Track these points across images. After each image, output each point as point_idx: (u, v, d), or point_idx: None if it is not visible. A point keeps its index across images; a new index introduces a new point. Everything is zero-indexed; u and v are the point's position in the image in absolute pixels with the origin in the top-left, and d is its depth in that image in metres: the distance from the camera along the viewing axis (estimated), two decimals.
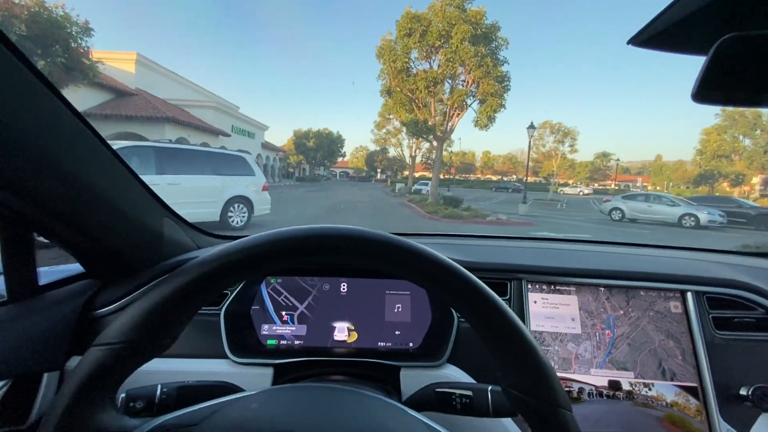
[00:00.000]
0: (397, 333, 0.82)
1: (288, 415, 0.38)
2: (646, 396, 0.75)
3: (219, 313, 0.78)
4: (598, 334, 0.80)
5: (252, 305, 0.84)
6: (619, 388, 0.76)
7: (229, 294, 0.81)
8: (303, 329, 0.82)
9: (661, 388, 0.76)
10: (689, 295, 0.82)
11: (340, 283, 0.86)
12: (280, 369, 0.74)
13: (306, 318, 0.83)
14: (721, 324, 0.81)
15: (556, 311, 0.82)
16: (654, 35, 0.43)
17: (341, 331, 0.82)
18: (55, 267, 0.77)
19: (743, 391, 0.74)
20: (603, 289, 0.84)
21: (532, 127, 15.91)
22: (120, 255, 0.69)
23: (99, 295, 0.72)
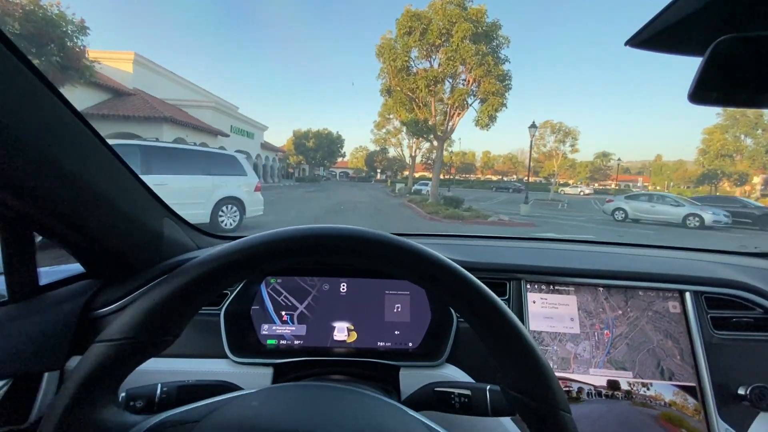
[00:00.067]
0: (396, 333, 0.83)
1: (288, 413, 0.38)
2: (644, 396, 0.76)
3: (219, 313, 0.79)
4: (596, 334, 0.81)
5: (252, 305, 0.84)
6: (617, 387, 0.77)
7: (229, 294, 0.82)
8: (303, 329, 0.83)
9: (659, 387, 0.77)
10: (688, 295, 0.83)
11: (339, 283, 0.87)
12: (279, 369, 0.75)
13: (306, 318, 0.84)
14: (720, 324, 0.82)
15: (555, 311, 0.83)
16: (651, 36, 0.44)
17: (341, 331, 0.83)
18: (56, 267, 0.78)
19: (741, 391, 0.74)
20: (602, 289, 0.85)
21: (533, 127, 15.90)
22: (120, 255, 0.69)
23: (99, 295, 0.73)
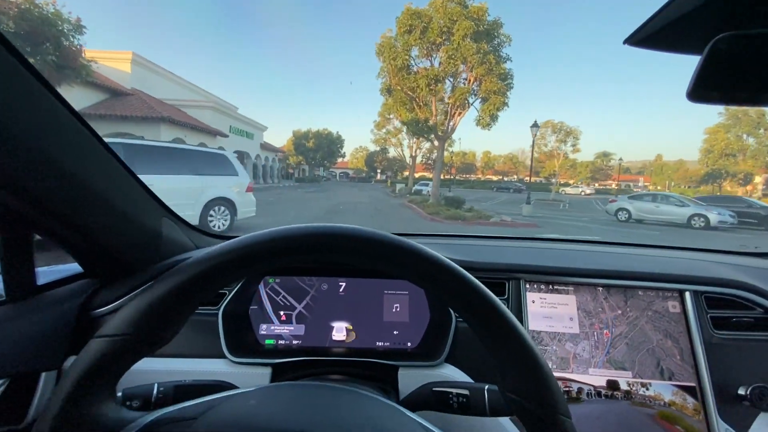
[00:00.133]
0: (395, 333, 0.83)
1: (285, 412, 0.39)
2: (643, 396, 0.76)
3: (217, 312, 0.79)
4: (596, 333, 0.82)
5: (250, 305, 0.85)
6: (617, 387, 0.77)
7: (227, 294, 0.82)
8: (301, 329, 0.84)
9: (658, 387, 0.77)
10: (687, 294, 0.83)
11: (338, 283, 0.87)
12: (278, 369, 0.75)
13: (304, 318, 0.85)
14: (720, 324, 0.82)
15: (555, 311, 0.84)
16: (649, 35, 0.44)
17: (339, 330, 0.83)
18: (54, 267, 0.78)
19: (742, 391, 0.75)
20: (601, 288, 0.85)
21: (535, 126, 15.90)
22: (118, 255, 0.69)
23: (97, 295, 0.73)
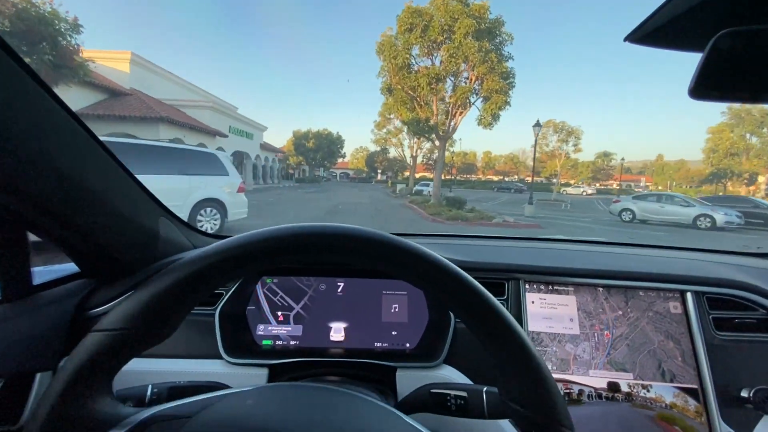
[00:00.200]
0: (393, 333, 0.83)
1: (280, 413, 0.39)
2: (644, 398, 0.76)
3: (214, 313, 0.79)
4: (596, 334, 0.82)
5: (247, 305, 0.85)
6: (617, 389, 0.77)
7: (224, 294, 0.82)
8: (299, 329, 0.84)
9: (660, 389, 0.77)
10: (689, 295, 0.83)
11: (336, 283, 0.87)
12: (275, 369, 0.75)
13: (302, 318, 0.85)
14: (722, 325, 0.82)
15: (554, 312, 0.84)
16: (651, 32, 0.43)
17: (337, 331, 0.83)
18: (50, 267, 0.78)
19: (744, 393, 0.74)
20: (602, 289, 0.85)
21: (538, 125, 15.88)
22: (115, 255, 0.69)
23: (93, 295, 0.73)
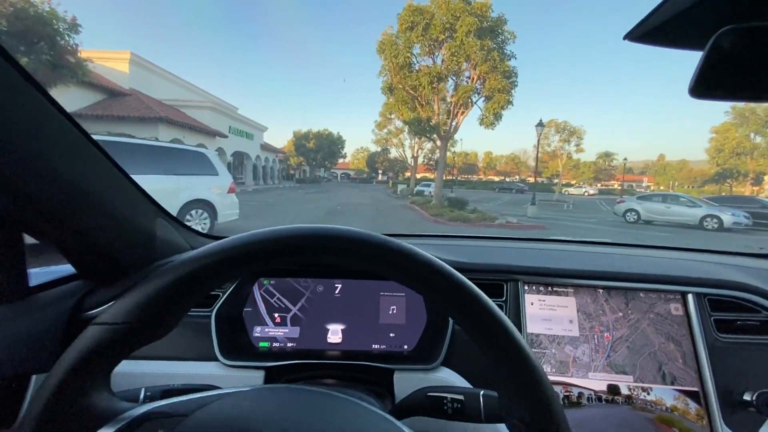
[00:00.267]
0: (391, 335, 0.83)
1: (275, 416, 0.39)
2: (645, 400, 0.76)
3: (210, 314, 0.80)
4: (596, 336, 0.81)
5: (244, 307, 0.85)
6: (617, 392, 0.77)
7: (220, 295, 0.83)
8: (296, 331, 0.84)
9: (660, 392, 0.76)
10: (690, 297, 0.83)
11: (333, 285, 0.87)
12: (271, 372, 0.76)
13: (299, 320, 0.85)
14: (724, 327, 0.81)
15: (554, 313, 0.83)
16: (650, 30, 0.43)
17: (335, 333, 0.83)
18: (46, 268, 0.78)
19: (747, 397, 0.74)
20: (601, 290, 0.85)
21: (540, 125, 15.82)
22: (112, 256, 0.70)
23: (90, 297, 0.73)
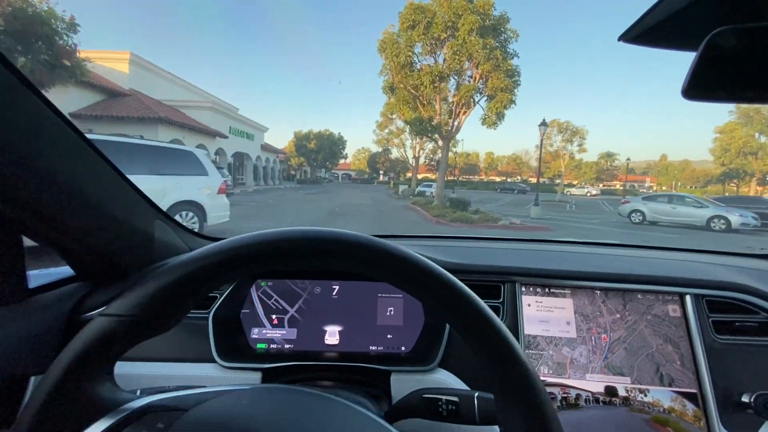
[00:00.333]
0: (389, 337, 0.84)
1: (272, 417, 0.40)
2: (642, 402, 0.76)
3: (207, 316, 0.81)
4: (593, 338, 0.82)
5: (242, 308, 0.87)
6: (615, 394, 0.77)
7: (218, 297, 0.84)
8: (293, 333, 0.85)
9: (658, 393, 0.77)
10: (688, 298, 0.83)
11: (331, 286, 0.88)
12: (268, 373, 0.77)
13: (296, 321, 0.86)
14: (722, 328, 0.82)
15: (551, 315, 0.84)
16: (644, 31, 0.44)
17: (332, 334, 0.84)
18: (46, 270, 0.80)
19: (745, 398, 0.74)
20: (599, 292, 0.85)
21: (544, 125, 15.78)
22: (110, 258, 0.71)
23: (88, 298, 0.74)
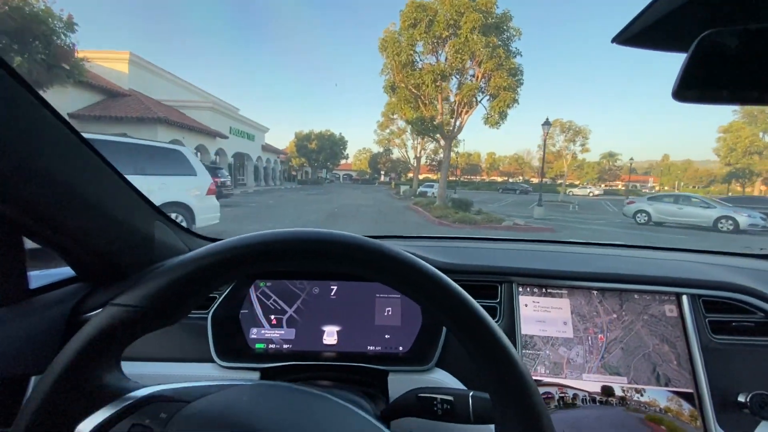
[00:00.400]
0: (386, 337, 0.85)
1: (273, 411, 0.41)
2: (639, 402, 0.77)
3: (206, 316, 0.82)
4: (590, 338, 0.83)
5: (240, 309, 0.88)
6: (611, 393, 0.78)
7: (217, 297, 0.85)
8: (292, 333, 0.86)
9: (654, 393, 0.78)
10: (685, 298, 0.84)
11: (329, 287, 0.90)
12: (267, 373, 0.78)
13: (295, 322, 0.87)
14: (719, 328, 0.83)
15: (548, 315, 0.85)
16: (637, 33, 0.45)
17: (330, 335, 0.85)
18: (46, 271, 0.81)
19: (741, 398, 0.75)
20: (596, 292, 0.86)
21: (547, 124, 15.73)
22: (110, 258, 0.72)
23: (88, 299, 0.75)
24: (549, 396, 0.77)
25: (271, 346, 0.85)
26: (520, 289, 0.87)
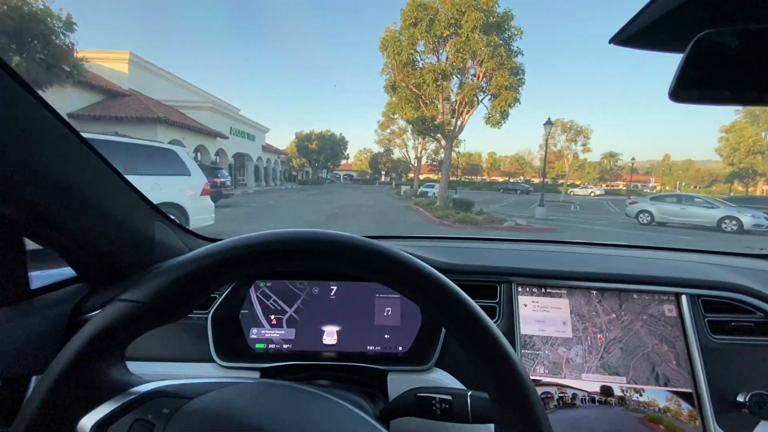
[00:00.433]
0: (386, 337, 0.86)
1: (274, 410, 0.42)
2: (638, 401, 0.78)
3: (207, 316, 0.83)
4: (589, 338, 0.83)
5: (241, 309, 0.89)
6: (611, 393, 0.79)
7: (217, 297, 0.86)
8: (292, 333, 0.87)
9: (653, 393, 0.78)
10: (684, 298, 0.84)
11: (329, 287, 0.91)
12: (267, 373, 0.79)
13: (295, 322, 0.88)
14: (718, 328, 0.83)
15: (547, 315, 0.85)
16: (634, 34, 0.45)
17: (330, 334, 0.86)
18: (47, 271, 0.82)
19: (740, 398, 0.75)
20: (595, 292, 0.87)
21: (549, 123, 15.69)
22: (111, 259, 0.72)
23: (89, 299, 0.76)
24: (548, 396, 0.78)
25: (271, 346, 0.86)
26: (520, 289, 0.88)
